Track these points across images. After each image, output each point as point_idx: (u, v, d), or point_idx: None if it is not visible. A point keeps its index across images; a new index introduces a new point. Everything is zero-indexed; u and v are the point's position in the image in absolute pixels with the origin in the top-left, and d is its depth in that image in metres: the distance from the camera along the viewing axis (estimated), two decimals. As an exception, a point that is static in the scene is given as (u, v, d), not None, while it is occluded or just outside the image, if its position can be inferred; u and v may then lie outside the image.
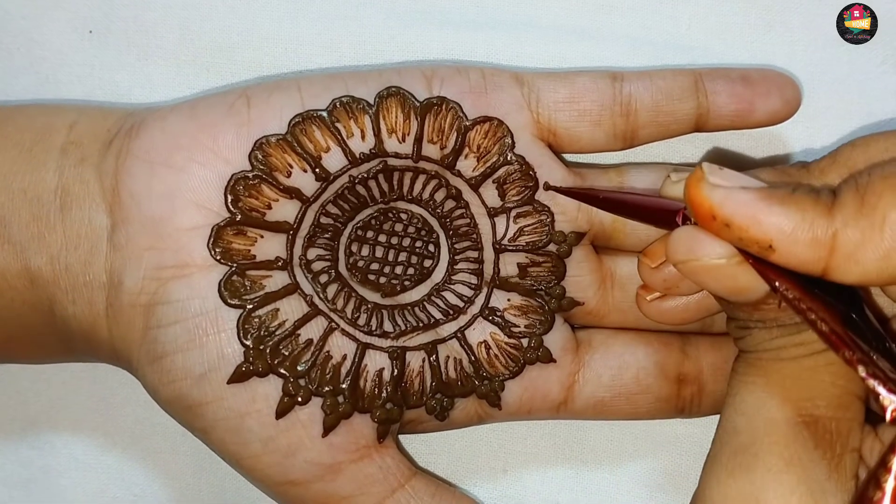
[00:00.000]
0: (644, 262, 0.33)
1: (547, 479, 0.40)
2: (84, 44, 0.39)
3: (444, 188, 0.36)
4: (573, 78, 0.36)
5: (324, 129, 0.34)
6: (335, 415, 0.34)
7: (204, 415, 0.33)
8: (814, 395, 0.29)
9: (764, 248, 0.27)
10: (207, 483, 0.40)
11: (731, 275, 0.29)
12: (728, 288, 0.29)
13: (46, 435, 0.40)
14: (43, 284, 0.33)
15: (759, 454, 0.28)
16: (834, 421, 0.29)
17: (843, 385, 0.29)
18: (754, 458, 0.28)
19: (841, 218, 0.27)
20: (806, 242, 0.27)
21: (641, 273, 0.34)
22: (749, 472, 0.28)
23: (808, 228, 0.27)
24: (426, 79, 0.35)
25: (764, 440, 0.28)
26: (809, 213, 0.27)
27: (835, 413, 0.29)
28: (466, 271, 0.36)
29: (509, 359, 0.36)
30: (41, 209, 0.33)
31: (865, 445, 0.29)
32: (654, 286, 0.34)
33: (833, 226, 0.27)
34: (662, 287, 0.33)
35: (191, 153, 0.34)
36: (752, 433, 0.29)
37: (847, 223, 0.27)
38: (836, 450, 0.28)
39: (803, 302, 0.27)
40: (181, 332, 0.33)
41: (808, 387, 0.29)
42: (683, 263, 0.29)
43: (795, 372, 0.29)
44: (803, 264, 0.27)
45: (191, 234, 0.33)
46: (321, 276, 0.35)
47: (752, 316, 0.30)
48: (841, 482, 0.28)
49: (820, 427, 0.28)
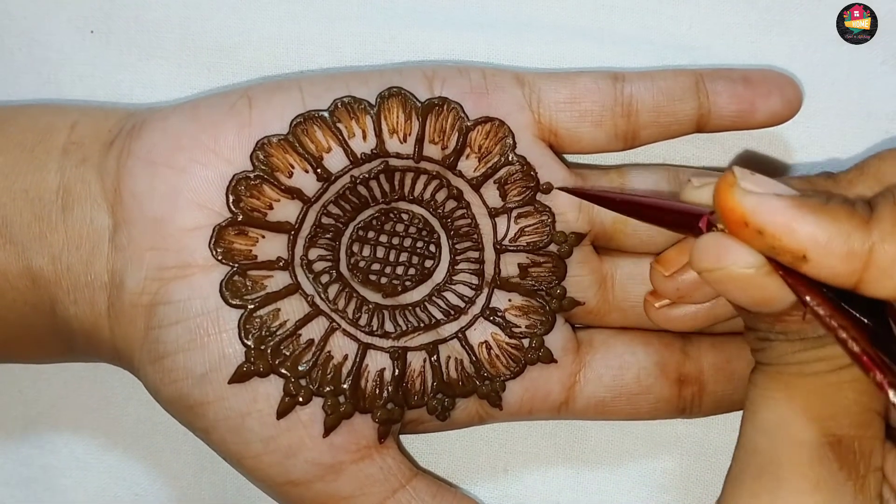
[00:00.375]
0: (657, 269, 0.33)
1: (548, 479, 0.40)
2: (85, 44, 0.39)
3: (446, 188, 0.36)
4: (574, 78, 0.36)
5: (325, 129, 0.34)
6: (336, 415, 0.34)
7: (205, 415, 0.33)
8: (837, 412, 0.28)
9: (797, 259, 0.26)
10: (208, 482, 0.40)
11: (759, 285, 0.28)
12: (754, 298, 0.28)
13: (47, 434, 0.40)
14: (44, 285, 0.33)
15: (784, 476, 0.28)
16: (857, 440, 0.28)
17: (866, 402, 0.28)
18: (778, 482, 0.28)
19: (878, 232, 0.26)
20: (841, 255, 0.26)
21: (654, 281, 0.33)
22: (773, 496, 0.28)
23: (844, 241, 0.26)
24: (427, 79, 0.35)
25: (788, 462, 0.28)
26: (846, 225, 0.26)
27: (857, 431, 0.28)
28: (467, 271, 0.36)
29: (510, 359, 0.36)
30: (43, 209, 0.33)
31: (888, 464, 0.29)
32: (666, 295, 0.33)
33: (870, 239, 0.26)
34: (675, 296, 0.33)
35: (192, 153, 0.34)
36: (774, 453, 0.28)
37: (885, 238, 0.26)
38: (861, 470, 0.28)
39: (834, 319, 0.26)
40: (183, 332, 0.33)
41: (832, 403, 0.28)
42: (709, 272, 0.28)
43: (818, 388, 0.28)
44: (836, 277, 0.26)
45: (192, 234, 0.33)
46: (322, 277, 0.35)
47: (774, 327, 0.29)
48: (867, 503, 0.28)
49: (844, 447, 0.28)
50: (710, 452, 0.40)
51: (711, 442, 0.40)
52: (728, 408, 0.37)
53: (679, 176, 0.37)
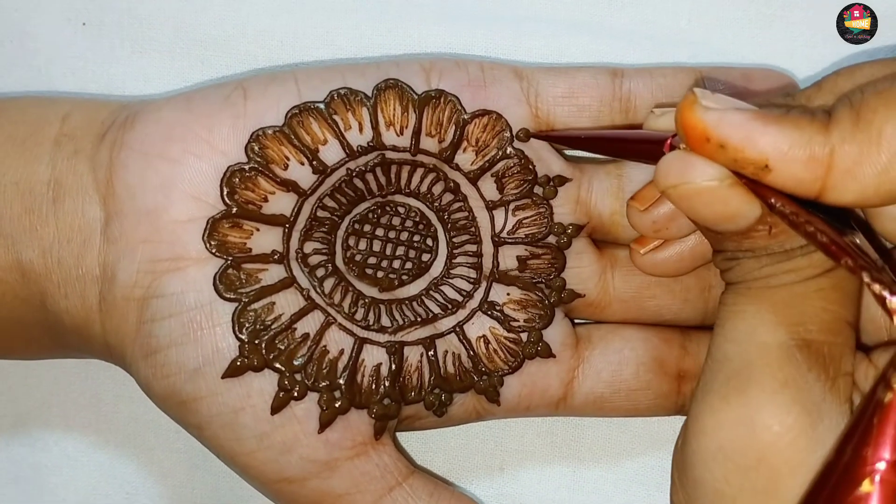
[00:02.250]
0: (633, 205, 0.33)
1: (544, 477, 0.40)
2: (77, 36, 0.39)
3: (443, 181, 0.36)
4: (573, 73, 0.36)
5: (321, 121, 0.34)
6: (332, 410, 0.33)
7: (198, 410, 0.33)
8: (806, 319, 0.28)
9: (759, 169, 0.27)
10: (201, 481, 0.39)
11: (723, 198, 0.28)
12: (719, 214, 0.28)
13: (38, 432, 0.39)
14: (34, 278, 0.33)
15: (753, 377, 0.28)
16: (826, 345, 0.28)
17: (835, 311, 0.29)
18: (748, 382, 0.28)
19: (838, 134, 0.26)
20: (803, 161, 0.26)
21: (631, 218, 0.34)
22: (743, 395, 0.28)
23: (805, 146, 0.26)
24: (425, 72, 0.35)
25: (757, 363, 0.28)
26: (806, 131, 0.26)
27: (826, 337, 0.29)
28: (465, 265, 0.36)
29: (508, 353, 0.35)
30: (33, 202, 0.33)
31: (859, 371, 0.29)
32: (643, 230, 0.34)
33: (830, 142, 0.26)
34: (652, 230, 0.33)
35: (186, 145, 0.33)
36: (744, 358, 0.28)
37: (844, 139, 0.26)
38: (830, 373, 0.28)
39: (801, 216, 0.26)
40: (175, 326, 0.33)
41: (800, 311, 0.29)
42: (675, 188, 0.28)
43: (786, 298, 0.29)
44: (800, 184, 0.27)
45: (186, 226, 0.33)
46: (318, 270, 0.35)
47: (742, 245, 0.29)
48: (836, 403, 0.28)
49: (813, 350, 0.28)
50: (708, 451, 0.39)
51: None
52: (728, 405, 0.37)
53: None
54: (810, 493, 0.27)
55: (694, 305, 0.37)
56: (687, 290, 0.37)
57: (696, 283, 0.37)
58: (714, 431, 0.28)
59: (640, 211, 0.33)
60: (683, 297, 0.37)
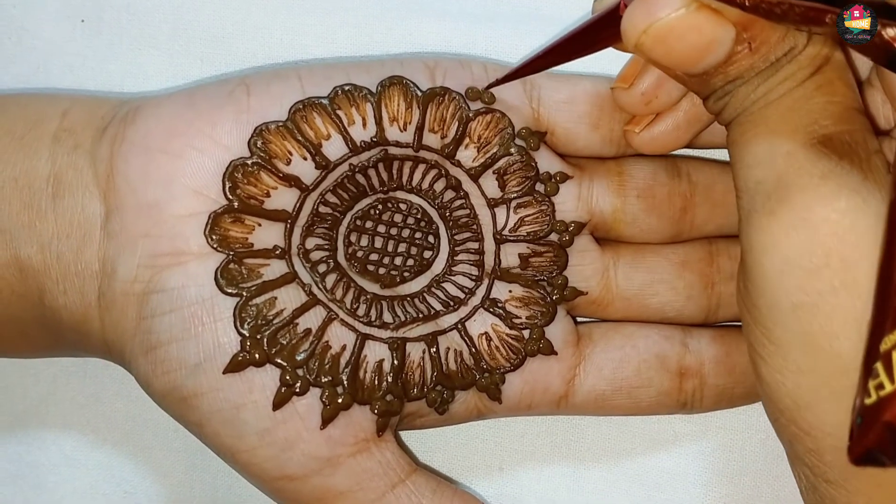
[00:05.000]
0: (618, 86, 0.34)
1: (543, 477, 0.40)
2: (76, 33, 0.39)
3: (444, 178, 0.35)
4: (576, 80, 0.36)
5: (325, 116, 0.34)
6: (334, 406, 0.33)
7: (199, 406, 0.33)
8: (816, 117, 0.28)
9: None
10: (199, 480, 0.39)
11: (695, 26, 0.28)
12: (696, 45, 0.28)
13: (35, 430, 0.39)
14: (33, 274, 0.33)
15: (791, 183, 0.28)
16: (846, 133, 0.28)
17: (839, 101, 0.29)
18: (788, 189, 0.28)
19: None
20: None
21: (619, 99, 0.34)
22: (788, 203, 0.27)
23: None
24: (429, 70, 0.35)
25: (789, 171, 0.28)
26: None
27: (842, 126, 0.28)
28: (467, 262, 0.36)
29: (510, 350, 0.35)
30: (32, 197, 0.33)
31: (885, 147, 0.29)
32: (633, 107, 0.34)
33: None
34: (642, 103, 0.33)
35: (189, 139, 0.33)
36: (775, 172, 0.28)
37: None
38: (860, 155, 0.28)
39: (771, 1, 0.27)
40: (176, 322, 0.32)
41: (808, 112, 0.28)
42: (646, 33, 0.28)
43: (790, 105, 0.29)
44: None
45: (187, 221, 0.33)
46: (320, 266, 0.34)
47: (729, 74, 0.29)
48: (878, 181, 0.28)
49: (836, 142, 0.28)
50: (708, 451, 0.39)
51: (709, 441, 0.39)
52: (729, 402, 0.37)
53: (677, 164, 0.37)
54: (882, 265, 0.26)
55: (697, 303, 0.37)
56: (690, 287, 0.37)
57: (699, 281, 0.37)
58: (773, 247, 0.28)
59: (626, 89, 0.33)
60: (687, 295, 0.37)
